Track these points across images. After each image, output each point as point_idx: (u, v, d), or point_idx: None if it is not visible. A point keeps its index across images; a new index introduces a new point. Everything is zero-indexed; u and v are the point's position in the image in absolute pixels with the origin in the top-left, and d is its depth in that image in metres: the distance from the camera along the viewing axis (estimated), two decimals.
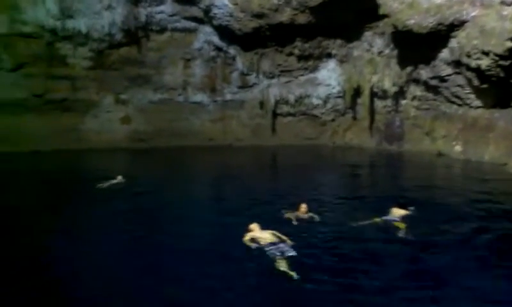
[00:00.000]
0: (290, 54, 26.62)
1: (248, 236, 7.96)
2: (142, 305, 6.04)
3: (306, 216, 9.95)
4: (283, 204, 11.01)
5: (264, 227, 8.20)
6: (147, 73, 28.37)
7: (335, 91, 27.89)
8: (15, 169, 19.66)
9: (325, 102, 28.24)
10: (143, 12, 26.13)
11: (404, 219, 9.74)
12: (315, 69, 27.54)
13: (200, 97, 29.33)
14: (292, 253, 7.28)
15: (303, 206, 10.14)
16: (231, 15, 24.30)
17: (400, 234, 8.97)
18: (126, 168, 17.68)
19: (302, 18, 23.59)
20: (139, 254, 7.79)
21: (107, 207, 12.00)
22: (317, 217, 9.94)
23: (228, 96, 29.21)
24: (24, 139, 24.86)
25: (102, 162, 22.36)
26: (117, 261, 7.61)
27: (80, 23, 25.11)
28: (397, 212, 10.00)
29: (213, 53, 28.18)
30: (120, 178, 14.75)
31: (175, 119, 28.96)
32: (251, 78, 28.32)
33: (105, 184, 14.19)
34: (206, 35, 27.43)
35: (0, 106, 25.21)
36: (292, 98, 28.11)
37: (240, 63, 27.74)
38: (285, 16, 23.56)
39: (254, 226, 8.10)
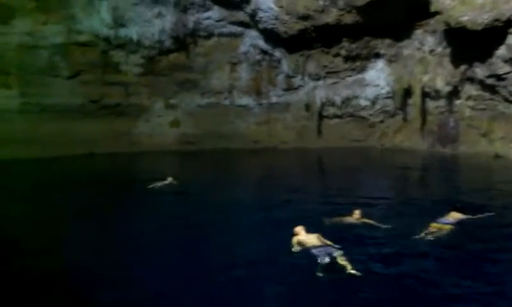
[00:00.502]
0: (337, 55, 26.27)
1: (295, 240, 7.88)
2: None
3: (359, 222, 9.31)
4: (333, 208, 10.68)
5: (311, 231, 8.05)
6: (195, 78, 29.09)
7: (383, 91, 27.17)
8: (72, 171, 20.81)
9: (373, 103, 27.58)
10: (191, 19, 26.85)
11: (460, 223, 9.27)
12: (362, 70, 26.99)
13: (245, 100, 29.65)
14: (339, 253, 7.13)
15: (357, 212, 9.49)
16: (276, 18, 24.38)
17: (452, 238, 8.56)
18: (176, 170, 18.18)
19: (349, 19, 23.22)
20: (188, 257, 7.81)
21: (157, 207, 12.39)
22: (374, 223, 9.25)
23: (274, 99, 29.29)
24: (80, 143, 26.25)
25: (153, 164, 23.14)
26: (168, 262, 7.70)
27: (132, 32, 26.23)
28: (454, 216, 9.53)
29: (258, 56, 28.40)
30: (170, 179, 15.21)
31: (221, 123, 29.44)
32: (297, 81, 28.23)
33: (157, 185, 14.68)
34: (252, 39, 27.70)
35: (58, 111, 26.82)
36: (338, 99, 27.70)
37: (285, 66, 27.75)
38: (331, 17, 23.31)
39: (299, 229, 7.97)
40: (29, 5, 24.79)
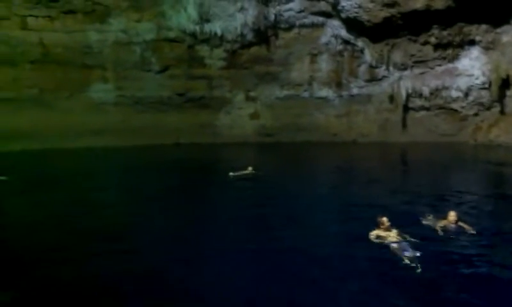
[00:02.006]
0: (426, 43, 24.66)
1: (373, 233, 7.55)
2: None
3: (454, 226, 8.16)
4: (422, 209, 9.70)
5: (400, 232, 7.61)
6: (275, 70, 29.29)
7: (478, 82, 24.96)
8: (160, 159, 22.20)
9: (466, 94, 25.49)
10: (272, 11, 27.00)
11: None
12: (454, 58, 25.05)
13: (325, 92, 29.17)
14: (417, 254, 6.70)
15: (452, 214, 8.27)
16: (360, 6, 23.54)
17: None
18: (255, 161, 18.51)
19: (439, 4, 21.66)
20: (263, 252, 7.62)
21: (237, 195, 12.73)
22: (470, 229, 8.03)
23: (355, 91, 28.41)
24: (167, 133, 27.92)
25: (234, 155, 23.81)
26: (241, 253, 7.60)
27: (216, 26, 27.14)
28: None
29: (340, 47, 27.71)
30: (250, 169, 15.55)
31: (300, 115, 29.33)
32: (380, 71, 27.04)
33: (237, 173, 15.11)
34: (333, 29, 27.10)
35: (149, 104, 28.79)
36: (426, 90, 26.02)
37: (368, 56, 26.72)
38: (419, 2, 21.93)
39: (384, 220, 7.56)
40: (123, 4, 26.82)
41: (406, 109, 27.00)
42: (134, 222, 9.61)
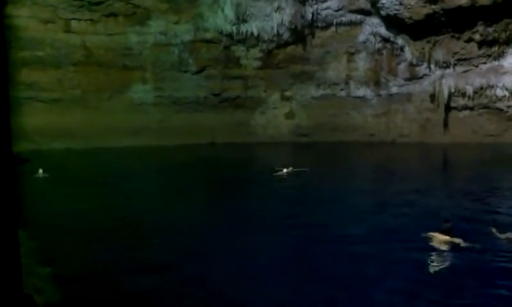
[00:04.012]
0: (470, 40, 23.74)
1: (434, 235, 7.16)
2: None
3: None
4: (489, 220, 8.60)
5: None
6: (311, 70, 29.04)
7: None
8: (198, 158, 22.44)
9: None
10: (309, 10, 26.80)
11: None
12: (500, 56, 24.01)
13: (362, 91, 28.64)
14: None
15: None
16: (401, 3, 22.97)
17: None
18: (292, 160, 18.39)
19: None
20: (300, 251, 7.56)
21: (279, 194, 12.70)
22: None
23: (394, 90, 27.71)
24: (203, 133, 28.21)
25: (270, 154, 23.76)
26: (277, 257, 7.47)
27: (252, 27, 27.21)
28: None
29: (379, 45, 27.13)
30: (290, 168, 15.48)
31: (336, 114, 28.93)
32: (421, 69, 26.25)
33: (279, 173, 15.08)
34: (372, 27, 26.57)
35: (186, 104, 29.20)
36: (470, 89, 25.04)
37: (408, 53, 26.00)
38: None
39: (448, 225, 7.14)
40: (162, 7, 27.32)
41: (448, 108, 26.06)
42: (171, 219, 9.70)
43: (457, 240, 6.93)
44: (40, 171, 14.85)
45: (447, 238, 7.01)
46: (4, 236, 2.10)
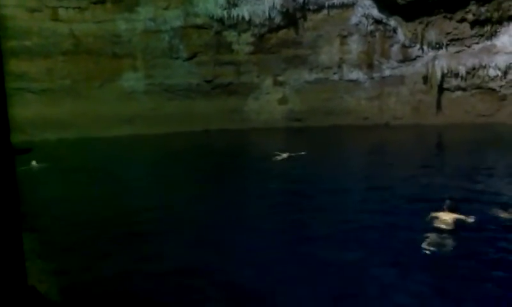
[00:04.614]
0: (462, 20, 23.68)
1: (436, 215, 7.17)
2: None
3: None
4: (489, 199, 8.77)
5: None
6: (303, 54, 28.78)
7: None
8: (193, 145, 22.30)
9: (505, 72, 24.43)
10: None
11: None
12: (492, 35, 23.98)
13: (355, 74, 28.50)
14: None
15: None
16: None
17: None
18: (287, 145, 18.34)
19: None
20: (296, 241, 7.54)
21: (278, 180, 12.65)
22: None
23: (387, 72, 27.62)
24: (196, 120, 27.94)
25: (265, 140, 23.65)
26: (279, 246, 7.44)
27: (243, 11, 26.80)
28: None
29: (371, 27, 26.92)
30: (287, 154, 15.40)
31: (330, 98, 28.81)
32: (414, 51, 26.17)
33: (277, 158, 15.02)
34: (364, 8, 26.34)
35: (178, 91, 28.85)
36: (463, 70, 25.05)
37: (401, 35, 25.88)
38: None
39: (449, 202, 7.13)
40: None
41: (441, 89, 26.10)
42: (170, 208, 9.62)
43: (462, 217, 6.94)
44: (33, 162, 14.64)
45: (452, 216, 7.01)
46: (7, 229, 2.11)
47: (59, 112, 25.52)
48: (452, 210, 7.05)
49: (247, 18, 26.99)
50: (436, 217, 7.08)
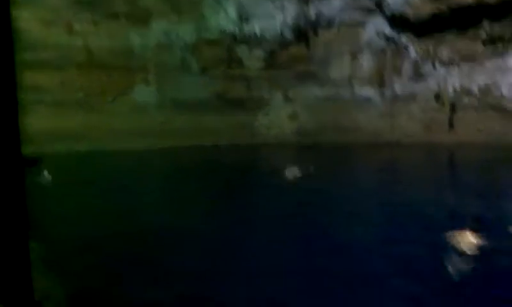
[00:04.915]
0: (475, 38, 23.58)
1: (460, 237, 6.89)
2: None
3: None
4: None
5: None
6: (314, 70, 28.83)
7: None
8: (203, 160, 22.24)
9: None
10: (312, 9, 26.65)
11: None
12: (506, 53, 23.76)
13: (367, 91, 28.42)
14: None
15: None
16: (406, 2, 22.86)
17: None
18: (297, 161, 18.23)
19: None
20: (312, 253, 7.41)
21: (287, 198, 12.47)
22: None
23: (398, 89, 27.50)
24: (206, 134, 27.96)
25: (274, 155, 23.55)
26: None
27: (255, 27, 27.07)
28: None
29: (382, 44, 26.94)
30: (295, 169, 15.27)
31: (340, 115, 28.66)
32: (426, 68, 26.08)
33: (287, 174, 14.89)
34: (376, 26, 26.39)
35: (187, 105, 28.96)
36: (475, 88, 24.83)
37: (413, 52, 25.85)
38: None
39: (472, 227, 6.91)
40: (164, 7, 27.17)
41: (454, 107, 25.87)
42: (181, 223, 9.53)
43: (484, 239, 6.71)
44: (45, 172, 14.70)
45: (475, 237, 6.77)
46: (14, 242, 2.06)
47: (71, 125, 25.73)
48: (475, 230, 6.82)
49: (258, 33, 27.22)
50: (459, 238, 6.85)
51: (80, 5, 26.51)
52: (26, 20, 25.13)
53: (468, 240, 6.68)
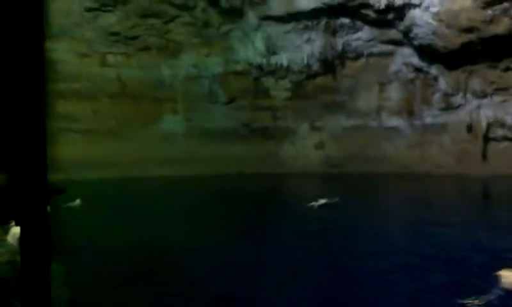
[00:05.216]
0: (507, 69, 23.07)
1: (499, 274, 6.47)
2: None
3: None
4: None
5: None
6: (341, 100, 28.75)
7: None
8: (229, 188, 22.17)
9: None
10: (339, 41, 26.83)
11: None
12: None
13: (395, 121, 28.01)
14: None
15: None
16: (434, 33, 22.65)
17: None
18: (323, 191, 17.99)
19: None
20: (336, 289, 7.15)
21: (312, 228, 12.23)
22: None
23: (428, 120, 26.96)
24: (232, 163, 28.05)
25: (300, 185, 23.29)
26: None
27: (282, 58, 27.43)
28: None
29: (411, 75, 26.67)
30: (322, 201, 15.00)
31: (368, 145, 28.25)
32: (457, 99, 25.54)
33: (315, 204, 14.67)
34: (404, 57, 26.23)
35: (216, 134, 29.29)
36: (509, 119, 24.09)
37: (443, 83, 25.41)
38: (501, 27, 20.66)
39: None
40: (194, 40, 28.01)
41: (487, 139, 25.09)
42: (207, 253, 9.47)
43: None
44: (77, 200, 15.02)
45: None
46: (36, 269, 2.03)
47: (101, 153, 26.38)
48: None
49: (285, 65, 27.55)
50: (505, 277, 6.41)
51: (114, 38, 27.64)
52: (62, 51, 26.41)
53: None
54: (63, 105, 25.97)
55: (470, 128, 25.41)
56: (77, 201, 15.04)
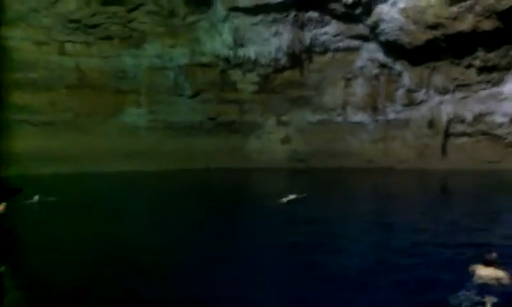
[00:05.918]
0: (469, 66, 23.82)
1: (476, 269, 6.43)
2: None
3: None
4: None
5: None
6: (307, 95, 28.81)
7: None
8: (194, 183, 21.70)
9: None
10: (307, 35, 26.78)
11: None
12: (499, 82, 24.05)
13: (360, 117, 28.40)
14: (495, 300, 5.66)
15: None
16: (401, 29, 23.03)
17: None
18: (289, 186, 17.90)
19: (487, 25, 20.95)
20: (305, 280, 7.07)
21: (280, 223, 12.07)
22: None
23: (392, 115, 27.53)
24: (198, 157, 27.51)
25: (268, 180, 23.13)
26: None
27: (250, 51, 27.05)
28: None
29: (376, 70, 27.08)
30: (292, 196, 14.83)
31: (333, 140, 28.52)
32: (419, 95, 26.19)
33: (285, 199, 14.46)
34: (369, 52, 26.57)
35: (181, 128, 28.58)
36: (469, 115, 24.99)
37: (407, 79, 25.96)
38: (466, 24, 21.27)
39: (494, 256, 6.43)
40: (159, 30, 27.07)
41: (447, 134, 25.92)
42: (171, 247, 9.20)
43: (502, 274, 6.26)
44: (36, 197, 14.15)
45: (495, 271, 6.32)
46: None
47: (59, 146, 25.04)
48: (492, 263, 6.37)
49: (253, 58, 27.20)
50: (476, 271, 6.38)
51: (74, 26, 26.25)
52: (19, 39, 24.86)
53: (487, 273, 6.24)
54: (19, 96, 24.50)
55: (431, 124, 26.14)
56: (36, 198, 14.15)
